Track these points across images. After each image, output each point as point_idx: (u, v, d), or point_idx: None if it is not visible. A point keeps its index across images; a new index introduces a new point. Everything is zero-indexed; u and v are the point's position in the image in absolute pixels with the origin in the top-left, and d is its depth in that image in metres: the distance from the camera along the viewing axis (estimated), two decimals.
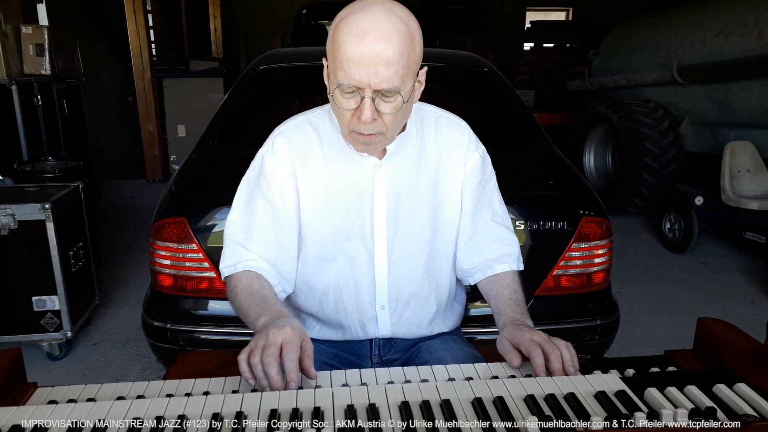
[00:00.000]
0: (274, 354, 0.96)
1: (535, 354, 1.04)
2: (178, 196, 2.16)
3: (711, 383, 0.94)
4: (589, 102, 6.64)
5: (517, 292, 1.25)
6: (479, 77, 2.98)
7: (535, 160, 2.56)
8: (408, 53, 1.04)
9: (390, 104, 1.06)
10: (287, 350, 0.97)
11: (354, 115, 1.07)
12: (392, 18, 1.03)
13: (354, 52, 1.01)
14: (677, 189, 4.51)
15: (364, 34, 1.01)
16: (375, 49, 1.00)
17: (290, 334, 0.99)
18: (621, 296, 3.56)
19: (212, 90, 6.43)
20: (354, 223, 1.23)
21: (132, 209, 5.25)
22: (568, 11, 10.99)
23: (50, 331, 2.70)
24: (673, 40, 5.11)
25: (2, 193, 2.80)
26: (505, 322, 1.17)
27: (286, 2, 8.54)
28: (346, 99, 1.07)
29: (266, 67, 2.87)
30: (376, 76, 1.02)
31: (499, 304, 1.23)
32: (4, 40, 4.08)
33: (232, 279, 1.21)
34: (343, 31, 1.03)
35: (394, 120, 1.10)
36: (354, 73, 1.02)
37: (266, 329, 1.01)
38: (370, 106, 1.05)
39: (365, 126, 1.07)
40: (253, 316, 1.10)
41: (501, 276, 1.29)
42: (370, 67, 1.01)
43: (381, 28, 1.01)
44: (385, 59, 1.01)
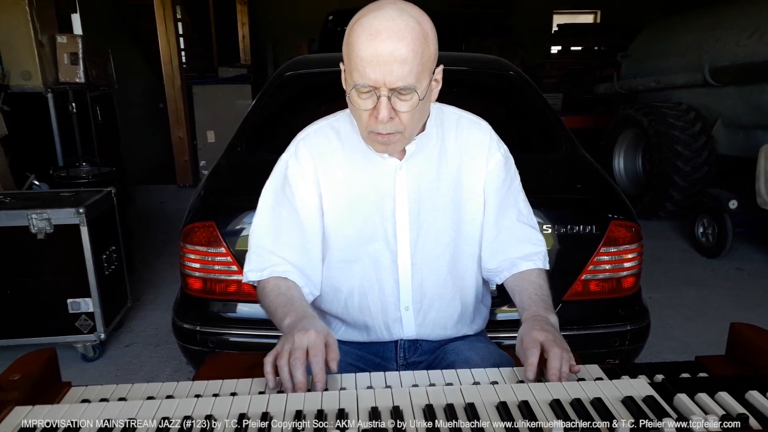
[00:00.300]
0: (301, 358, 0.99)
1: (529, 352, 1.03)
2: (207, 200, 2.20)
3: (743, 389, 0.92)
4: (618, 105, 6.55)
5: (542, 288, 1.24)
6: (505, 80, 2.97)
7: (562, 164, 2.54)
8: (422, 51, 1.04)
9: (406, 102, 1.07)
10: (313, 353, 1.00)
11: (371, 115, 1.08)
12: (404, 17, 1.04)
13: (368, 51, 1.02)
14: (710, 193, 4.42)
15: (378, 33, 1.02)
16: (388, 47, 1.02)
17: (315, 338, 1.02)
18: (652, 302, 3.50)
19: (240, 96, 6.52)
20: (377, 225, 1.24)
21: (163, 214, 5.35)
22: (596, 14, 10.87)
23: (84, 332, 2.76)
24: (705, 42, 5.00)
25: (38, 198, 2.88)
26: (525, 318, 1.16)
27: (313, 9, 8.61)
28: (363, 99, 1.08)
29: (293, 73, 2.90)
30: (391, 75, 1.03)
31: (523, 300, 1.22)
32: (40, 49, 4.20)
33: (260, 283, 1.25)
34: (357, 32, 1.04)
35: (411, 118, 1.10)
36: (369, 73, 1.03)
37: (291, 332, 1.04)
38: (386, 105, 1.06)
39: (383, 125, 1.08)
40: (279, 316, 1.14)
41: (526, 273, 1.28)
42: (384, 65, 1.02)
43: (393, 26, 1.02)
44: (399, 57, 1.02)
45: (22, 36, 4.14)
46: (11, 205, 2.71)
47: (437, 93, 1.18)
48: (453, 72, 3.04)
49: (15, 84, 4.17)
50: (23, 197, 2.88)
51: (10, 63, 4.18)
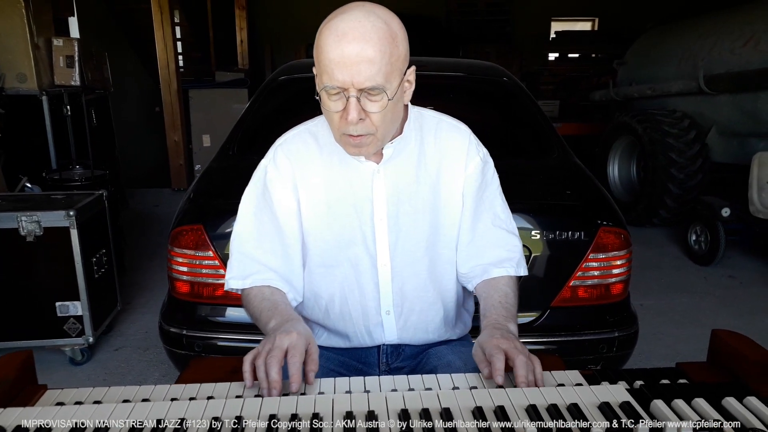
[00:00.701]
0: (278, 357, 0.99)
1: (494, 358, 1.01)
2: (196, 203, 2.19)
3: (720, 396, 0.91)
4: (614, 112, 6.57)
5: (507, 296, 1.22)
6: (499, 86, 2.98)
7: (553, 170, 2.54)
8: (390, 51, 1.05)
9: (376, 103, 1.07)
10: (291, 354, 1.00)
11: (342, 116, 1.08)
12: (371, 18, 1.04)
13: (335, 53, 1.03)
14: (703, 200, 4.43)
15: (344, 34, 1.03)
16: (355, 48, 1.02)
17: (296, 339, 1.02)
18: (644, 309, 3.51)
19: (237, 101, 6.52)
20: (355, 229, 1.24)
21: (157, 217, 5.35)
22: (594, 21, 10.90)
23: (73, 336, 2.75)
24: (700, 49, 5.02)
25: (29, 200, 2.88)
26: (485, 326, 1.15)
27: (312, 13, 8.61)
28: (333, 101, 1.08)
29: (286, 77, 2.90)
30: (359, 75, 1.03)
31: (486, 307, 1.21)
32: (35, 52, 4.20)
33: (244, 291, 1.26)
34: (325, 35, 1.05)
35: (383, 120, 1.10)
36: (337, 74, 1.04)
37: (274, 333, 1.05)
38: (355, 106, 1.06)
39: (353, 127, 1.09)
40: (264, 320, 1.15)
41: (496, 280, 1.27)
42: (351, 66, 1.03)
43: (359, 27, 1.03)
44: (366, 57, 1.02)
45: (17, 38, 4.14)
46: (1, 207, 2.70)
47: (410, 94, 1.18)
48: (448, 77, 3.09)
49: (10, 86, 4.16)
50: (14, 199, 2.88)
51: (5, 65, 4.18)
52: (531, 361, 1.03)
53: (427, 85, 2.90)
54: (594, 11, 10.65)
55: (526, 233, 2.03)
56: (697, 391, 0.93)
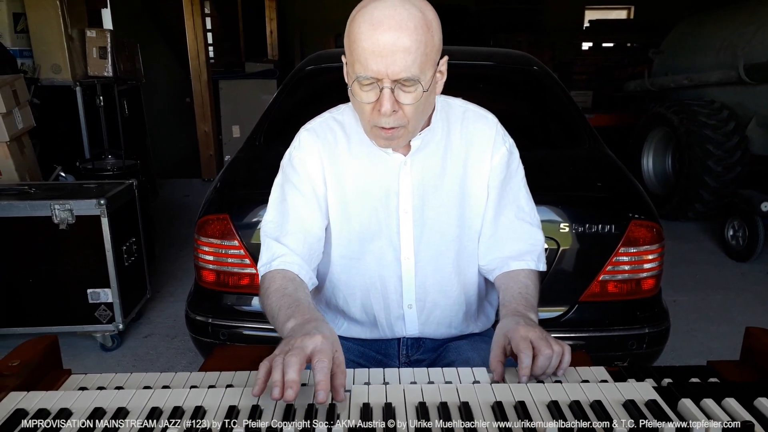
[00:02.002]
0: (300, 356, 0.85)
1: (523, 354, 0.96)
2: (222, 193, 2.21)
3: (753, 396, 0.87)
4: (649, 103, 6.40)
5: (528, 288, 1.18)
6: (529, 76, 2.93)
7: (584, 161, 2.49)
8: (425, 40, 1.01)
9: (410, 94, 1.04)
10: (318, 359, 0.86)
11: (374, 108, 1.06)
12: (406, 5, 1.01)
13: (369, 42, 1.00)
14: (742, 194, 4.28)
15: (379, 23, 0.99)
16: (391, 37, 0.99)
17: (321, 343, 0.88)
18: (677, 305, 3.42)
19: (266, 91, 6.55)
20: (381, 221, 1.22)
21: (187, 207, 5.41)
22: (630, 9, 10.64)
23: (103, 322, 2.81)
24: (740, 38, 4.85)
25: (62, 189, 2.93)
26: (504, 314, 1.11)
27: (341, 4, 8.60)
28: (366, 92, 1.05)
29: (314, 67, 2.90)
30: (394, 65, 1.00)
31: (505, 297, 1.17)
32: (69, 43, 4.29)
33: (266, 279, 1.16)
34: (358, 23, 1.02)
35: (415, 111, 1.07)
36: (371, 64, 1.01)
37: (294, 336, 0.92)
38: (389, 97, 1.03)
39: (386, 119, 1.06)
40: (282, 319, 1.03)
41: (516, 272, 1.23)
42: (387, 56, 0.99)
43: (395, 15, 0.99)
44: (402, 47, 0.99)
45: (52, 30, 4.24)
46: (35, 195, 2.76)
47: (442, 85, 1.14)
48: (478, 67, 3.04)
49: (45, 77, 4.27)
50: (47, 188, 2.94)
51: (40, 56, 4.28)
52: (561, 347, 0.99)
53: (456, 74, 2.87)
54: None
55: (555, 226, 1.99)
56: (728, 390, 0.89)
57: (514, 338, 1.00)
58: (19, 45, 4.24)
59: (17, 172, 3.32)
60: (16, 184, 3.11)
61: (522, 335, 0.99)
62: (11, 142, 3.29)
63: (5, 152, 3.27)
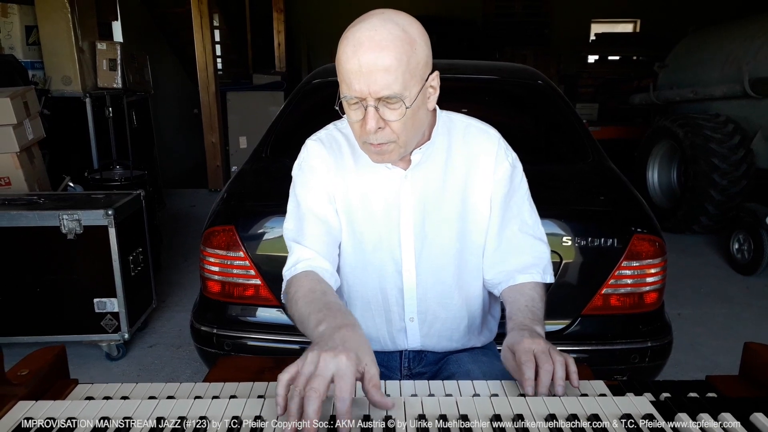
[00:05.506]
0: (320, 389, 0.81)
1: (525, 366, 0.97)
2: (228, 204, 2.23)
3: (749, 411, 0.88)
4: (654, 116, 6.41)
5: (534, 300, 1.19)
6: (534, 90, 2.95)
7: (588, 175, 2.50)
8: (407, 58, 1.04)
9: (395, 111, 1.06)
10: (340, 387, 0.82)
11: (362, 126, 1.08)
12: (388, 25, 1.03)
13: (351, 63, 1.03)
14: (747, 207, 4.28)
15: (359, 44, 1.02)
16: (371, 57, 1.01)
17: (344, 365, 0.84)
18: (681, 319, 3.42)
19: (273, 103, 6.60)
20: (382, 233, 1.24)
21: (193, 217, 5.45)
22: (635, 23, 10.69)
23: (109, 332, 2.83)
24: (746, 52, 4.87)
25: (71, 199, 2.97)
26: (511, 327, 1.12)
27: (349, 17, 8.66)
28: (353, 111, 1.08)
29: (320, 80, 2.93)
30: (375, 84, 1.02)
31: (512, 310, 1.18)
32: (80, 55, 4.35)
33: (292, 284, 1.15)
34: (343, 45, 1.05)
35: (404, 127, 1.09)
36: (354, 84, 1.03)
37: (321, 346, 0.90)
38: (373, 115, 1.05)
39: (373, 135, 1.08)
40: (313, 322, 1.01)
41: (521, 285, 1.24)
42: (368, 75, 1.02)
43: (375, 36, 1.02)
44: (382, 66, 1.02)
45: (63, 43, 4.31)
46: (45, 205, 2.80)
47: (435, 100, 1.16)
48: (481, 81, 3.07)
49: (55, 89, 4.33)
50: (56, 198, 2.97)
51: (51, 68, 4.35)
52: (563, 358, 1.00)
53: (460, 88, 2.90)
54: (635, 13, 10.45)
55: (558, 239, 2.00)
56: (725, 405, 0.90)
57: (518, 351, 1.02)
58: (30, 57, 4.32)
59: (27, 182, 3.36)
60: (25, 194, 3.15)
61: (526, 348, 1.01)
62: (21, 152, 3.33)
63: (15, 162, 3.31)
